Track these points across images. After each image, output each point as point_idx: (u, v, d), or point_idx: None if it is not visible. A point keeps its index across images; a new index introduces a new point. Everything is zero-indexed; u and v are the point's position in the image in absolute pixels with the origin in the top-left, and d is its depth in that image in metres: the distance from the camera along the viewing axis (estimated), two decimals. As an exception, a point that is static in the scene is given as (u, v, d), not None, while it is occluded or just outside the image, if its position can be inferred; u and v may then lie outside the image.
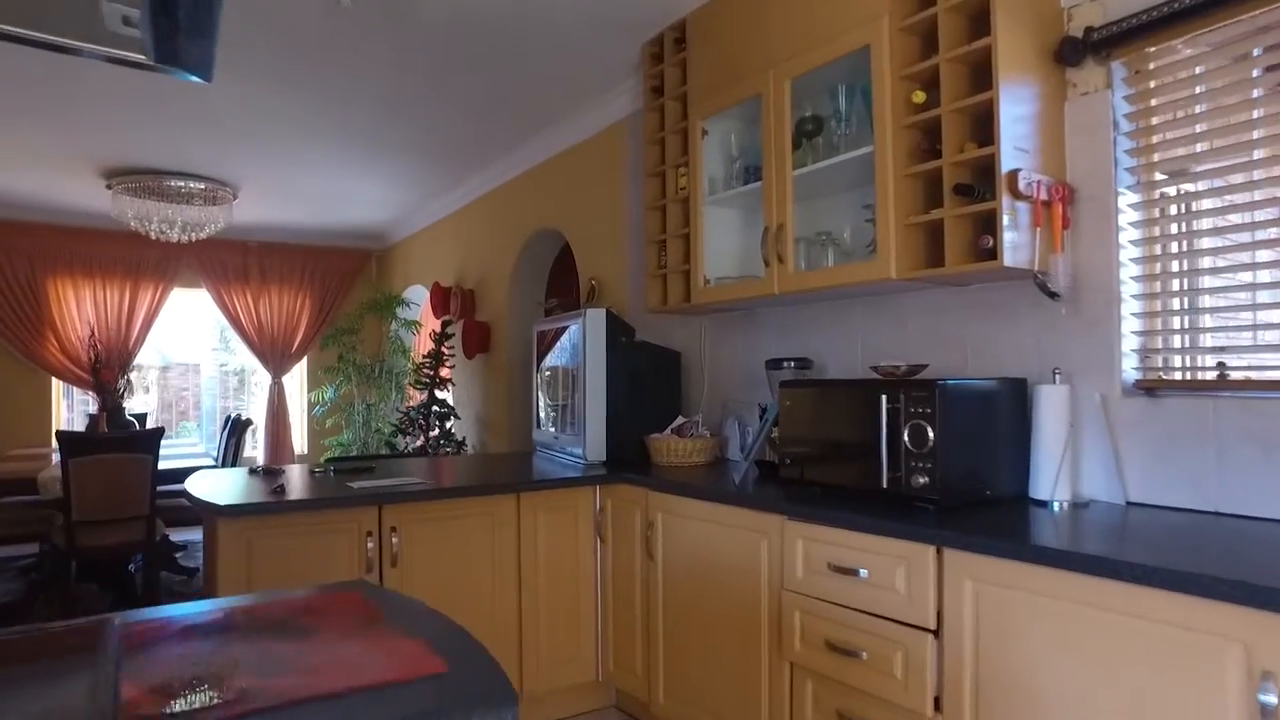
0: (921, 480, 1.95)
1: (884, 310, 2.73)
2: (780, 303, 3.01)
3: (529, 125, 4.64)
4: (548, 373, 3.70)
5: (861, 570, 1.95)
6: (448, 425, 5.95)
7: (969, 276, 2.26)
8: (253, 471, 3.05)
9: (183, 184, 5.66)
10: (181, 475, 4.82)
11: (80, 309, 6.99)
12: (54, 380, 7.00)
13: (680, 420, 3.25)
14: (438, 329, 6.03)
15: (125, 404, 5.61)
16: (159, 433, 4.36)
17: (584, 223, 4.54)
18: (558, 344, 3.56)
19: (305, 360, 8.05)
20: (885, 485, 2.04)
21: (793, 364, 2.83)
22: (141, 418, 6.75)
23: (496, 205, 5.66)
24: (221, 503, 2.39)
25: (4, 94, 4.30)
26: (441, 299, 6.21)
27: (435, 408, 5.93)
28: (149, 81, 4.10)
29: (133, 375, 5.88)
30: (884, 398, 2.04)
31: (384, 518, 2.61)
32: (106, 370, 5.49)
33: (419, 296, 7.44)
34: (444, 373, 6.07)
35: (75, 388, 7.12)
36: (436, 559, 2.70)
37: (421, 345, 8.77)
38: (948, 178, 2.16)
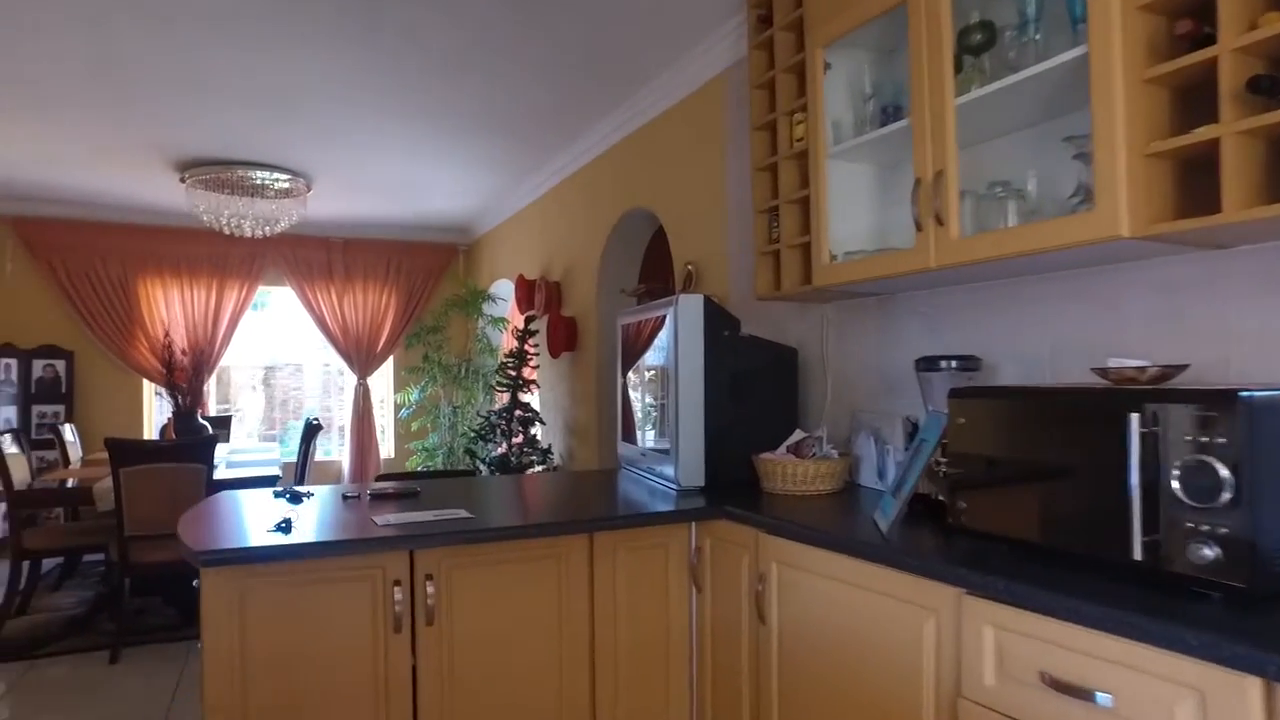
0: (1208, 552, 1.21)
1: (1086, 290, 1.97)
2: (933, 282, 2.28)
3: (616, 88, 4.02)
4: (637, 375, 3.07)
5: (1101, 695, 1.23)
6: (531, 431, 5.42)
7: (1254, 230, 1.49)
8: (278, 495, 2.54)
9: (254, 174, 5.32)
10: (255, 486, 4.45)
11: (168, 309, 6.84)
12: (145, 382, 6.88)
13: (798, 435, 2.56)
14: (522, 325, 5.51)
15: (207, 405, 5.32)
16: (212, 441, 3.98)
17: (679, 198, 3.90)
18: (647, 339, 2.92)
19: (391, 360, 7.72)
20: (1139, 556, 1.30)
21: (954, 364, 2.10)
22: (222, 420, 6.53)
23: (582, 186, 5.08)
24: (206, 545, 1.86)
25: (72, 89, 4.05)
26: (526, 293, 5.69)
27: (518, 412, 5.41)
28: (214, 66, 3.74)
29: (213, 376, 5.60)
30: (1134, 417, 1.31)
31: (417, 562, 2.03)
32: (179, 371, 5.20)
33: (506, 291, 6.97)
34: (528, 373, 5.55)
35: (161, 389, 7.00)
36: (486, 615, 2.11)
37: (508, 344, 8.33)
38: (1228, 73, 1.40)
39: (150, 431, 6.94)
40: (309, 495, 2.52)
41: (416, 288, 7.67)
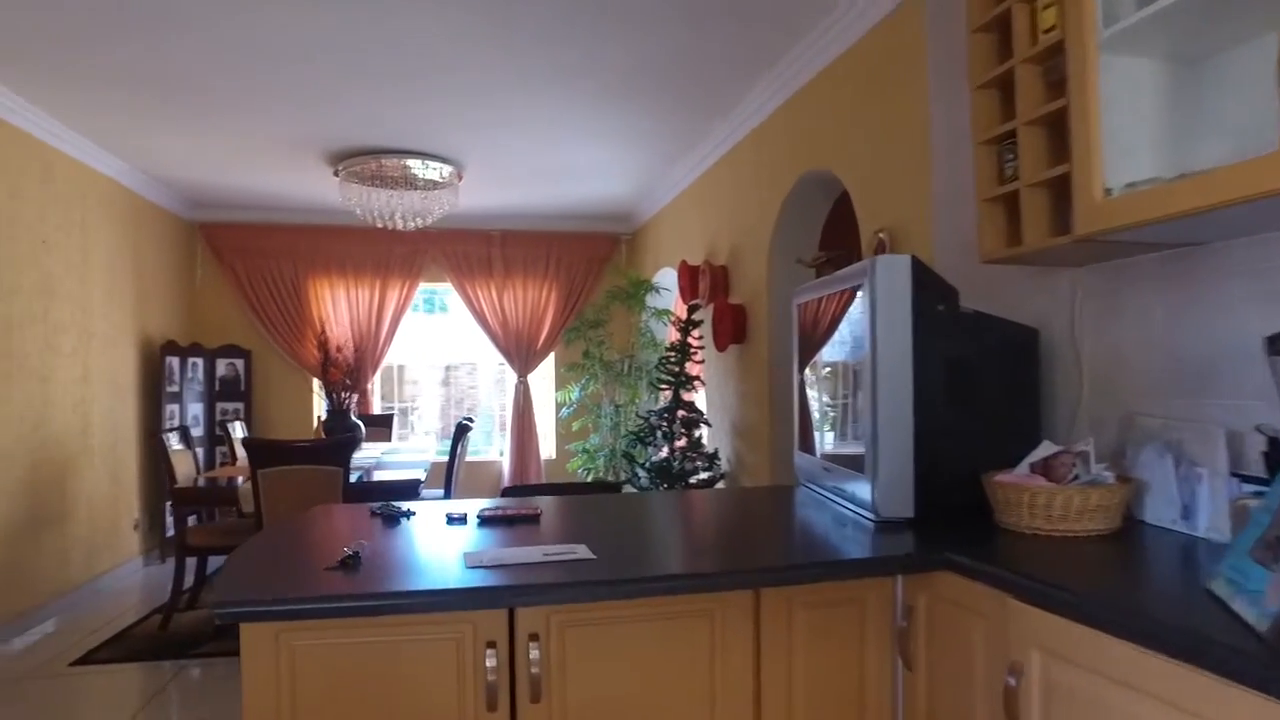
0: None
1: None
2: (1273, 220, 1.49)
3: (785, 26, 3.36)
4: (819, 367, 2.42)
5: None
6: (696, 434, 4.85)
7: None
8: (375, 512, 2.10)
9: (404, 162, 5.10)
10: (392, 490, 4.18)
11: (335, 307, 6.87)
12: (315, 381, 6.95)
13: (1048, 449, 1.82)
14: (685, 316, 4.96)
15: (370, 404, 5.17)
16: (349, 442, 3.71)
17: (866, 153, 3.19)
18: (832, 320, 2.26)
19: (552, 357, 7.41)
20: None
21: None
22: (383, 419, 6.44)
23: (747, 155, 4.45)
24: (241, 589, 1.42)
25: (226, 85, 3.99)
26: (689, 280, 5.13)
27: (681, 412, 4.86)
28: (361, 43, 3.50)
29: (378, 373, 5.45)
30: None
31: (519, 619, 1.50)
32: (334, 369, 5.07)
33: (670, 281, 6.45)
34: (692, 368, 4.99)
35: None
36: (610, 689, 1.55)
37: (671, 337, 7.81)
38: None
39: (313, 431, 7.00)
40: (408, 514, 2.07)
41: (577, 281, 7.32)
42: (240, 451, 5.50)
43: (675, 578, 1.53)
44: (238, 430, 5.51)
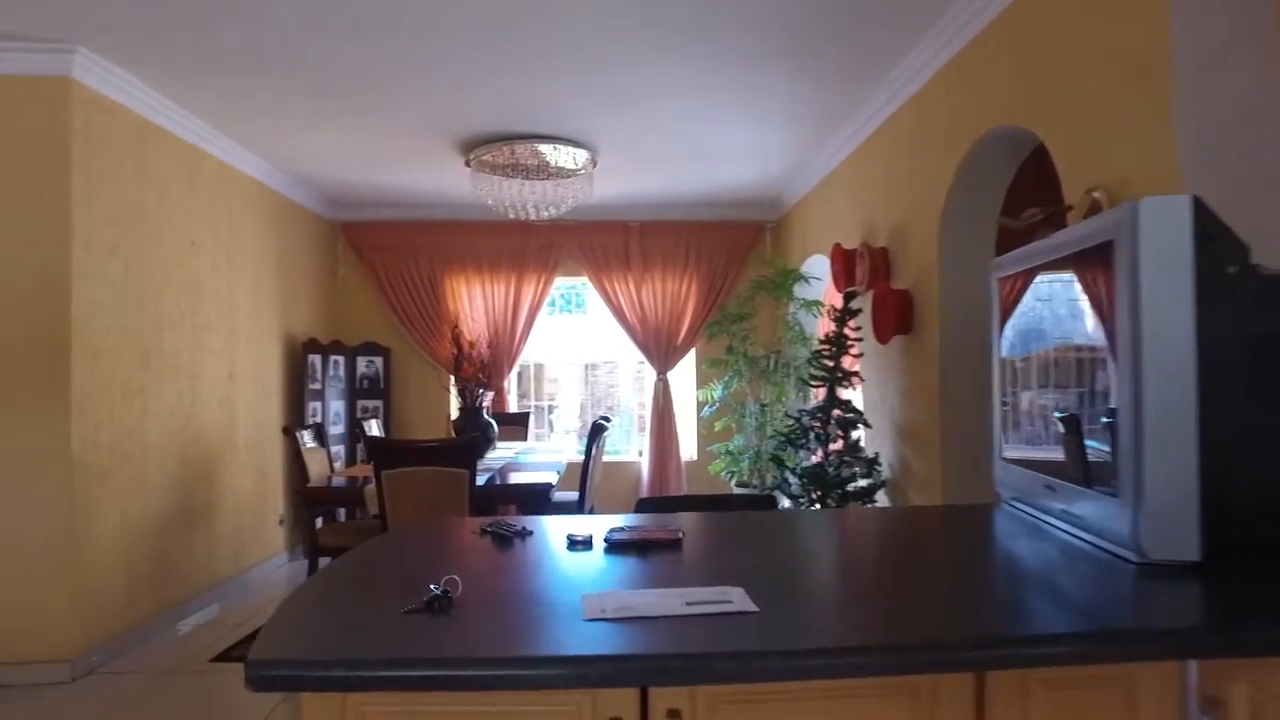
0: None
1: None
2: None
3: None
4: (1037, 355, 1.90)
5: None
6: (853, 436, 4.33)
7: None
8: (485, 530, 1.77)
9: (536, 146, 4.86)
10: (521, 493, 3.93)
11: (471, 303, 6.77)
12: (452, 379, 6.89)
13: None
14: (840, 305, 4.45)
15: (506, 402, 4.98)
16: (476, 442, 3.46)
17: (1071, 97, 2.61)
18: (1051, 294, 1.74)
19: (693, 354, 7.03)
20: None
21: None
22: (519, 418, 6.26)
23: (909, 123, 3.90)
24: (286, 653, 1.10)
25: (355, 72, 3.86)
26: (844, 265, 4.61)
27: (836, 411, 4.35)
28: (492, 26, 3.27)
29: (514, 371, 5.24)
30: None
31: (654, 696, 1.11)
32: (467, 365, 4.89)
33: (821, 269, 5.93)
34: (848, 363, 4.47)
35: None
36: (779, 791, 1.13)
37: (823, 329, 7.25)
38: None
39: (448, 428, 6.93)
40: (525, 533, 1.73)
41: (719, 272, 6.90)
42: (378, 450, 5.45)
43: (871, 651, 1.09)
44: (373, 428, 5.45)
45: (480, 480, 3.74)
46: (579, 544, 1.64)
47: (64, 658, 3.55)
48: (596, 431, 4.38)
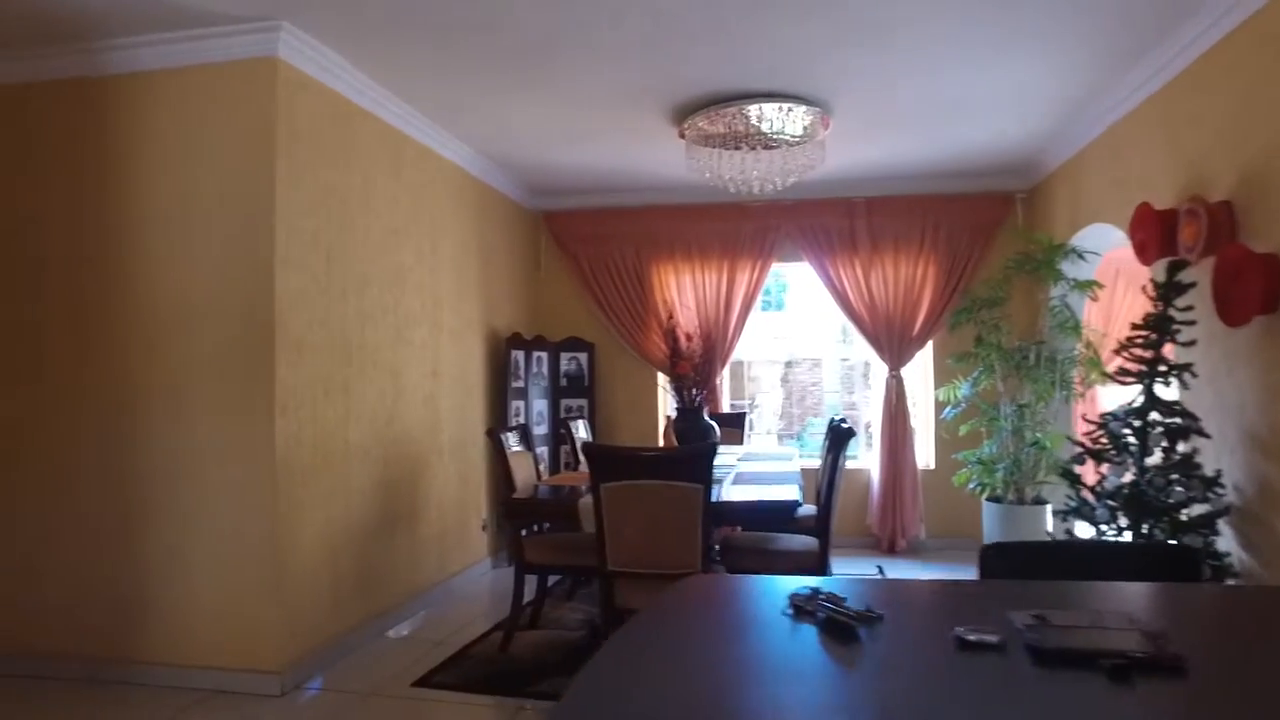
0: None
1: None
2: None
3: None
4: None
5: None
6: (1181, 448, 3.33)
7: None
8: (797, 611, 1.13)
9: (760, 108, 4.21)
10: (762, 513, 3.30)
11: (679, 294, 6.24)
12: (659, 376, 6.39)
13: None
14: (1149, 282, 3.45)
15: (719, 402, 4.39)
16: (711, 451, 2.84)
17: None
18: None
19: (930, 346, 6.10)
20: None
21: None
22: (735, 418, 5.63)
23: (1272, 24, 2.88)
24: None
25: (563, 41, 3.50)
26: (1156, 231, 3.59)
27: (1154, 414, 3.37)
28: None
29: (758, 368, 4.62)
30: None
31: None
32: (683, 361, 4.33)
33: (1098, 240, 4.87)
34: (1170, 351, 3.46)
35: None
36: None
37: (1102, 316, 6.08)
38: None
39: (659, 431, 6.41)
40: (871, 618, 1.07)
41: (960, 252, 5.93)
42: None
43: None
44: (580, 430, 5.02)
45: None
46: (974, 645, 0.95)
47: (273, 669, 3.33)
48: (840, 438, 3.64)
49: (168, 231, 3.48)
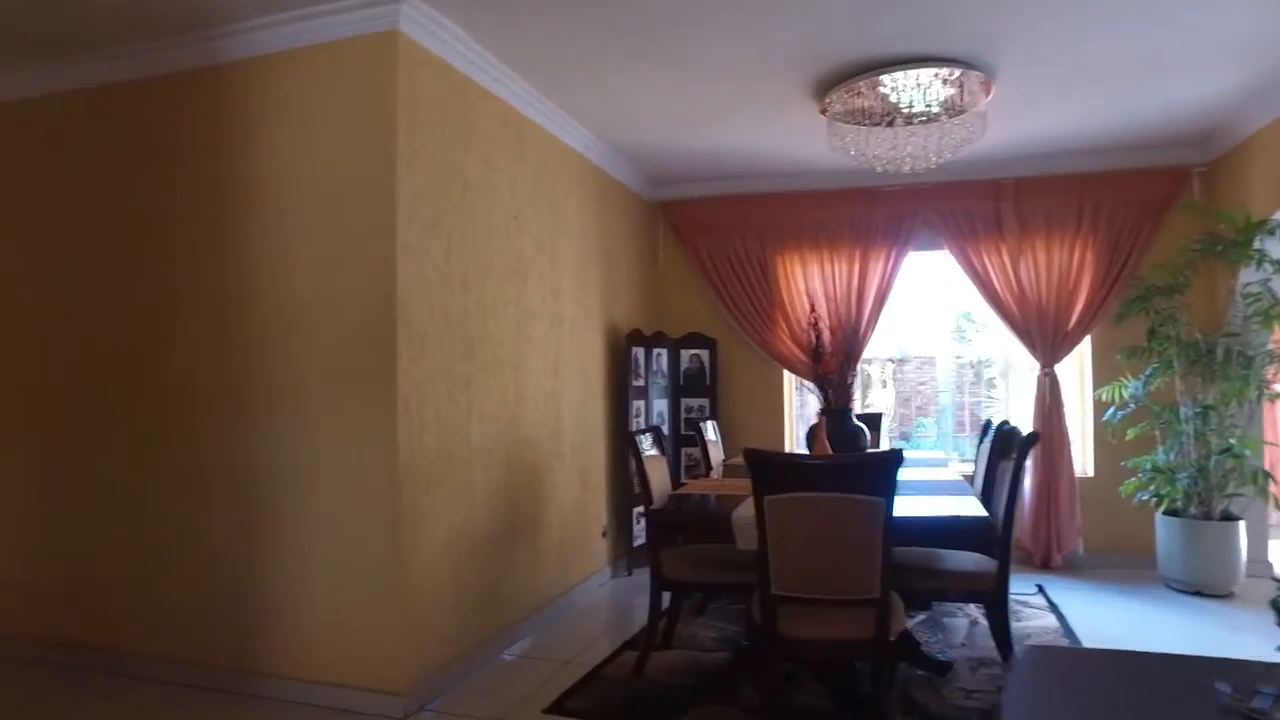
0: None
1: None
2: None
3: None
4: None
5: None
6: None
7: None
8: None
9: (913, 75, 3.76)
10: (948, 531, 2.88)
11: (808, 286, 5.81)
12: (785, 375, 5.98)
13: None
14: None
15: (851, 402, 3.97)
16: (896, 458, 2.43)
17: None
18: None
19: (1088, 340, 5.49)
20: None
21: None
22: (871, 419, 5.15)
23: None
24: None
25: (696, 10, 3.14)
26: None
27: None
28: None
29: (868, 366, 4.15)
30: None
31: None
32: (828, 358, 3.91)
33: (1309, 217, 4.23)
34: None
35: (806, 383, 6.00)
36: None
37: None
38: None
39: (791, 434, 5.99)
40: None
41: (1124, 235, 5.30)
42: (715, 457, 4.64)
43: None
44: (710, 431, 4.66)
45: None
46: None
47: (397, 690, 3.08)
48: (1024, 445, 3.15)
49: (286, 221, 3.29)
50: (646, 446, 3.57)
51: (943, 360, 8.01)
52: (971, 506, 3.10)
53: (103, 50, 3.49)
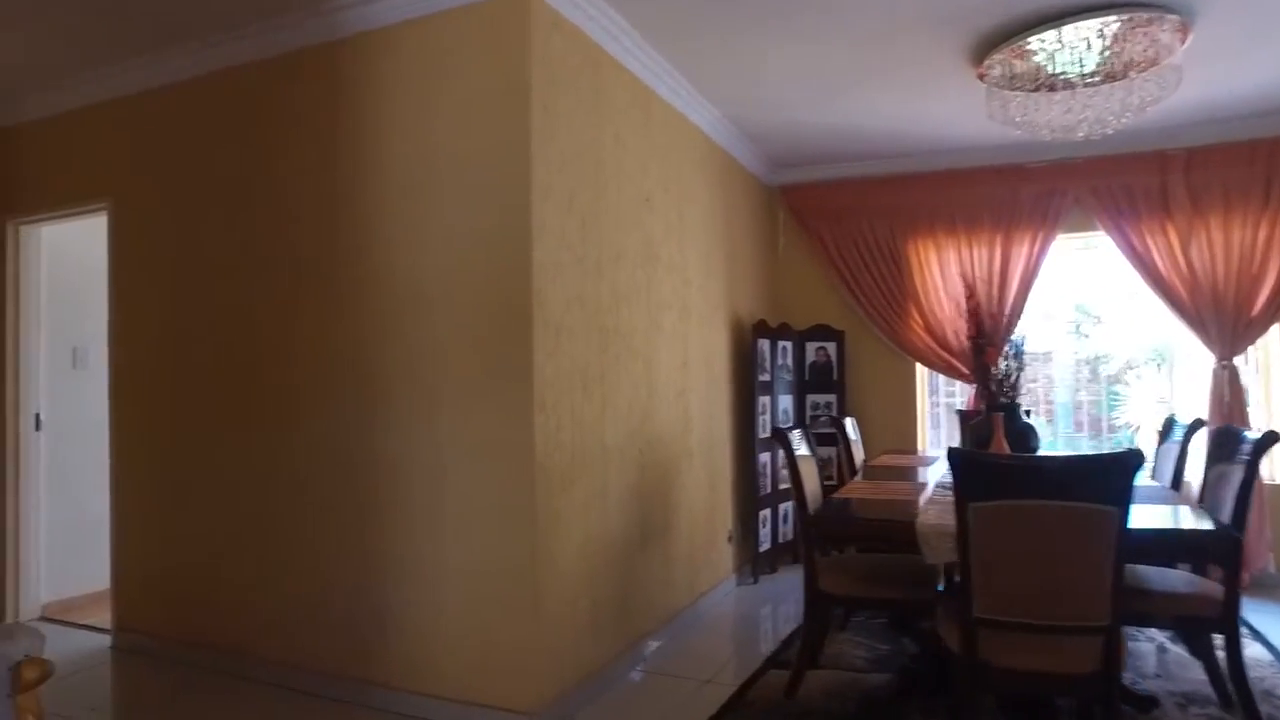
0: None
1: None
2: None
3: None
4: None
5: None
6: None
7: None
8: None
9: (1093, 24, 3.31)
10: (1192, 544, 2.46)
11: (944, 273, 5.36)
12: (918, 369, 5.54)
13: None
14: None
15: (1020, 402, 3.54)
16: (1136, 459, 2.04)
17: None
18: None
19: (1276, 329, 4.87)
20: None
21: None
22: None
23: None
24: None
25: None
26: None
27: None
28: None
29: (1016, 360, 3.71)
30: None
31: None
32: (992, 349, 3.49)
33: None
34: None
35: (943, 377, 5.55)
36: None
37: None
38: None
39: (923, 431, 5.54)
40: None
41: (1320, 210, 4.68)
42: (858, 457, 4.26)
43: None
44: (851, 429, 4.28)
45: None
46: None
47: (523, 709, 2.83)
48: (1259, 446, 2.67)
49: (410, 200, 3.09)
50: (797, 443, 3.23)
51: (1060, 356, 7.44)
52: (1189, 517, 2.66)
53: (232, 32, 3.39)
